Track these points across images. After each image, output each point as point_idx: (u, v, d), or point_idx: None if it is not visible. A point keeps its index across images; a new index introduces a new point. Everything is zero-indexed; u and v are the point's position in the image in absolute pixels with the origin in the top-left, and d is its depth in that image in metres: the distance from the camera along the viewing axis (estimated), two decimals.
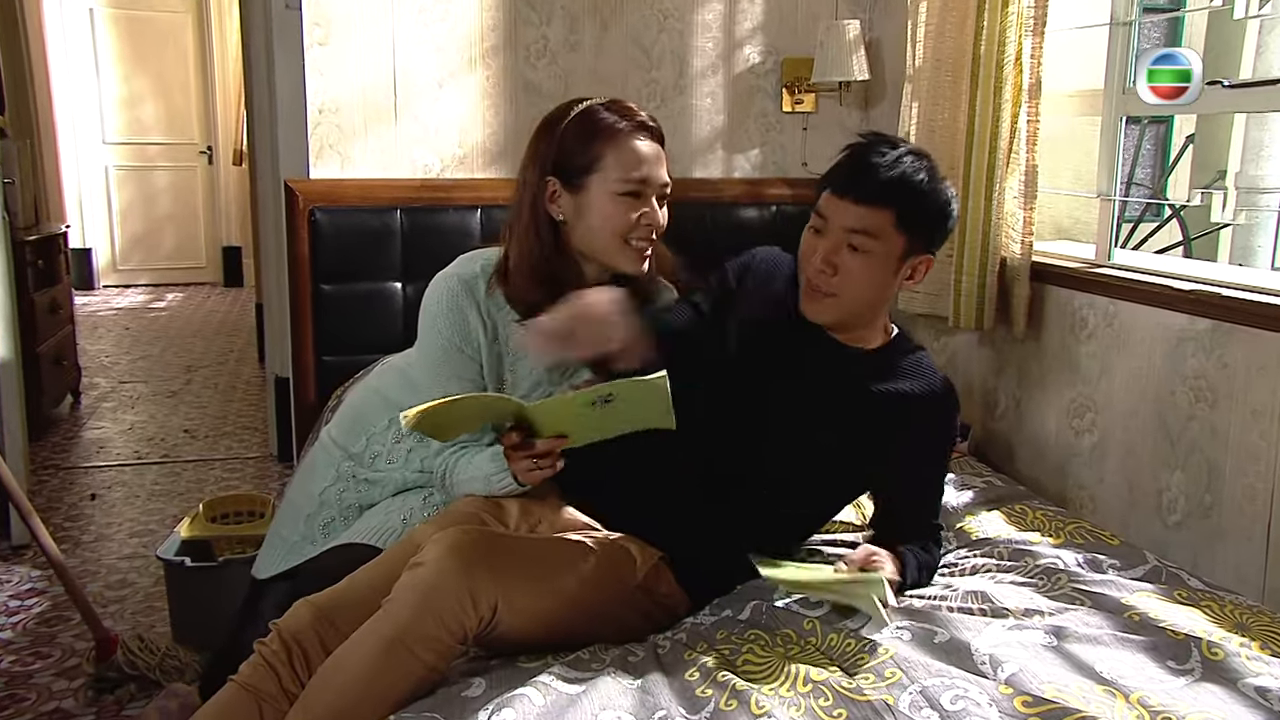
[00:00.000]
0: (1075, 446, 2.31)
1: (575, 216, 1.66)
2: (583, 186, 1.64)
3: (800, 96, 3.08)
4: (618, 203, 1.64)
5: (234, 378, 5.12)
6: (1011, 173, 2.36)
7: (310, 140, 2.70)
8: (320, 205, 2.64)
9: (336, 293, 2.66)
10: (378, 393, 1.86)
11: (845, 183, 1.56)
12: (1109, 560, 1.74)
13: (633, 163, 1.63)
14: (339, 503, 1.83)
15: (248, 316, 6.33)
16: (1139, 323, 2.11)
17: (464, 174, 2.83)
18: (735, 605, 1.62)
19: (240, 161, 7.47)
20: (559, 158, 1.64)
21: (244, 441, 4.01)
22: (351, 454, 1.83)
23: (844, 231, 1.55)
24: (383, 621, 1.34)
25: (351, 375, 2.54)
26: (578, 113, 1.65)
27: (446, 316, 1.66)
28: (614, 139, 1.63)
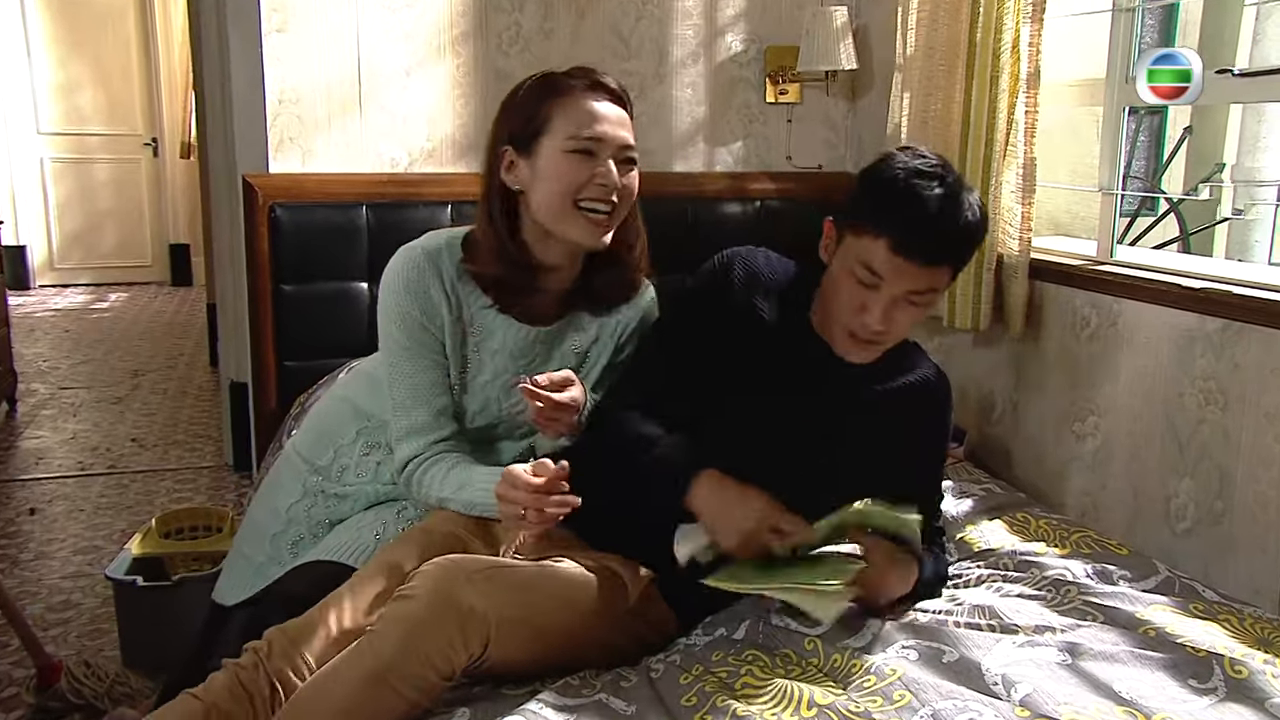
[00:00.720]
0: (1076, 451, 2.31)
1: (530, 183, 1.62)
2: (535, 150, 1.60)
3: (784, 87, 3.07)
4: (569, 161, 1.58)
5: (184, 382, 5.07)
6: (1009, 166, 2.36)
7: (269, 132, 2.67)
8: (281, 201, 2.60)
9: (298, 294, 2.63)
10: (345, 401, 1.82)
11: (910, 246, 1.47)
12: (1119, 571, 1.75)
13: (584, 119, 1.58)
14: (307, 519, 1.79)
15: (198, 317, 6.26)
16: (1144, 322, 2.12)
17: (433, 168, 2.81)
18: (729, 624, 1.60)
19: (188, 154, 7.36)
20: (513, 124, 1.61)
21: (197, 451, 3.98)
22: (319, 468, 1.80)
23: (906, 292, 1.50)
24: (366, 655, 1.33)
25: (315, 381, 2.52)
26: (535, 77, 1.63)
27: (407, 290, 1.63)
28: (565, 96, 1.59)
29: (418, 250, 1.66)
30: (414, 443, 1.65)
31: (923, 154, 1.53)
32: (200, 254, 6.34)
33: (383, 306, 1.67)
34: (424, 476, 1.64)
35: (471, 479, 1.60)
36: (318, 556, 1.70)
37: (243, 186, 2.63)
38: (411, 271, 1.64)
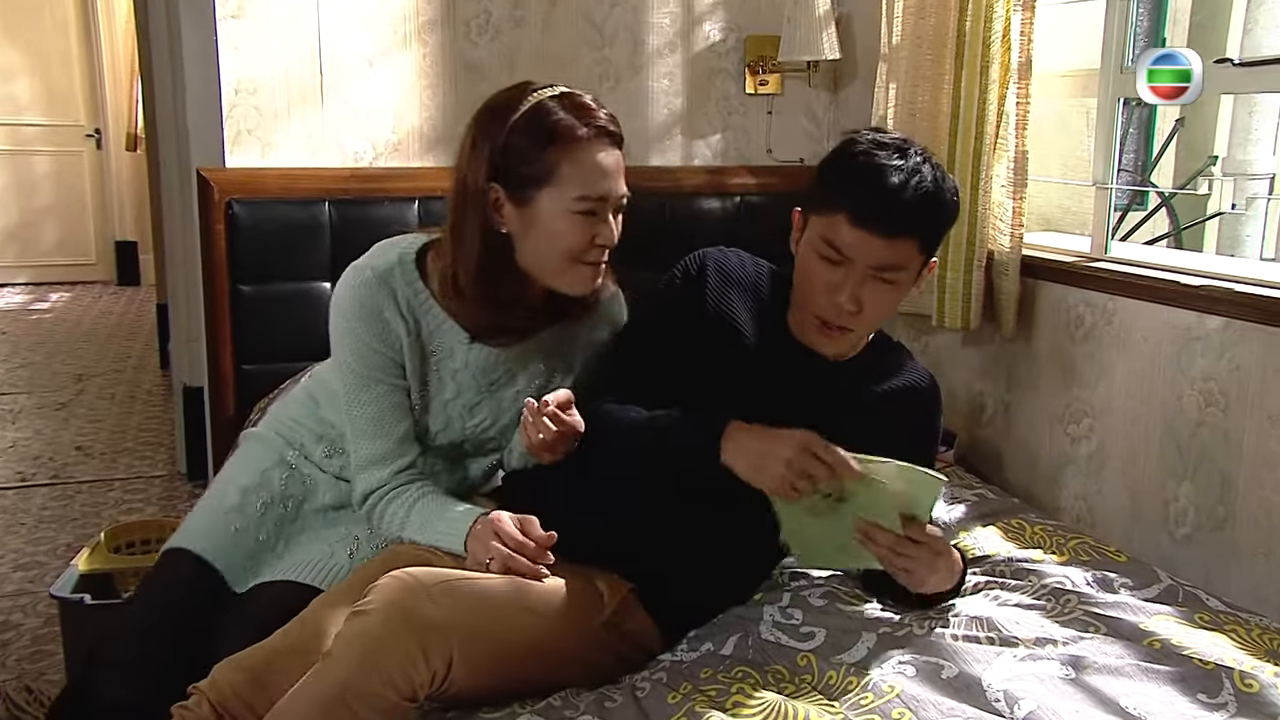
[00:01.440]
0: (1070, 455, 2.32)
1: (520, 231, 1.57)
2: (532, 200, 1.55)
3: (765, 77, 3.06)
4: (571, 221, 1.55)
5: (133, 387, 4.98)
6: (999, 159, 2.37)
7: (225, 124, 2.63)
8: (238, 197, 2.57)
9: (257, 294, 2.60)
10: (310, 407, 1.81)
11: (869, 215, 1.48)
12: (1120, 579, 1.75)
13: (593, 178, 1.54)
14: (282, 490, 1.75)
15: (146, 318, 6.18)
16: (1141, 321, 2.13)
17: (399, 162, 2.78)
18: (715, 639, 1.59)
19: (135, 146, 7.23)
20: (505, 162, 1.53)
21: (147, 459, 3.91)
22: (292, 443, 1.78)
23: (871, 268, 1.51)
24: (321, 678, 1.31)
25: (275, 386, 2.49)
26: (529, 108, 1.53)
27: (360, 315, 1.60)
28: (571, 148, 1.53)
29: (367, 272, 1.62)
30: (375, 473, 1.63)
31: (883, 130, 1.56)
32: (149, 251, 6.25)
33: (335, 330, 1.64)
34: (385, 510, 1.62)
35: (435, 519, 1.59)
36: (283, 575, 1.67)
37: (197, 181, 2.60)
38: (364, 295, 1.60)
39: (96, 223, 7.79)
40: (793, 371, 1.62)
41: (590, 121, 1.54)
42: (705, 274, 1.66)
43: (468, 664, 1.34)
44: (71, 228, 7.74)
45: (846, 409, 1.62)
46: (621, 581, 1.55)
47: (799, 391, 1.61)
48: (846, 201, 1.50)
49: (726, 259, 1.69)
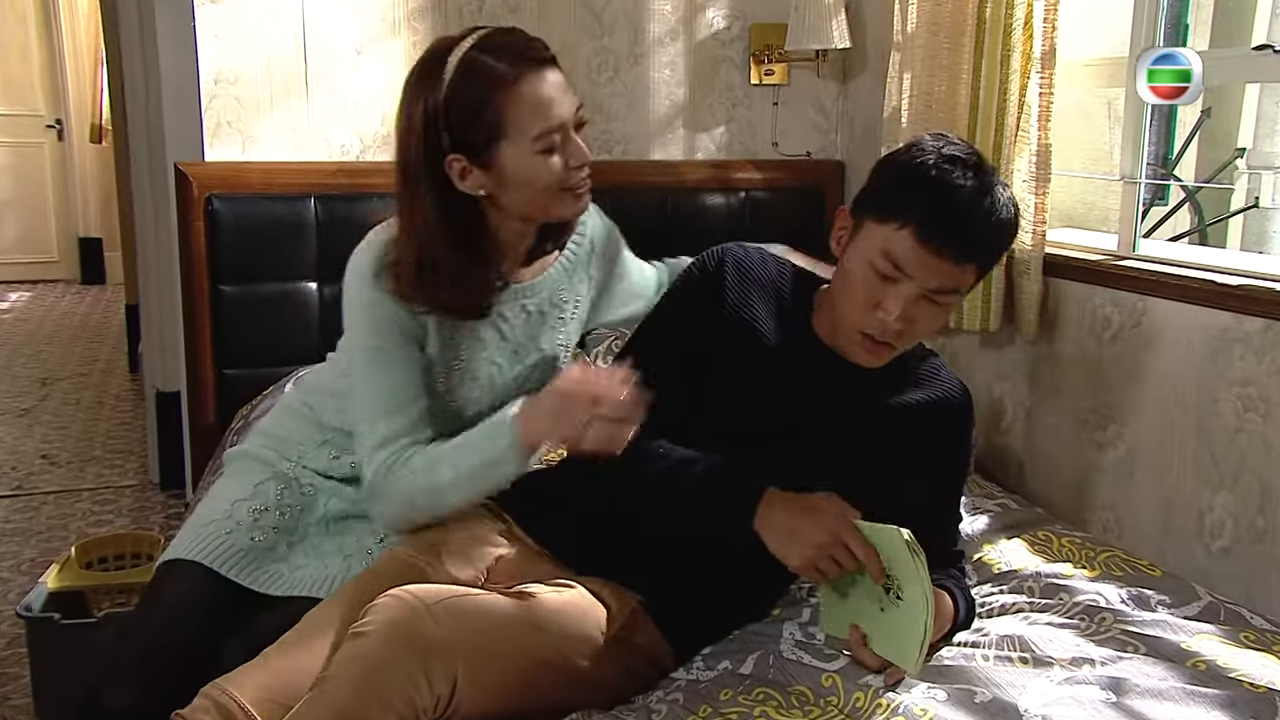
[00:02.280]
0: (1097, 462, 2.31)
1: (496, 188, 1.57)
2: (495, 157, 1.54)
3: (771, 67, 3.07)
4: (541, 160, 1.54)
5: (100, 392, 4.96)
6: (1020, 153, 2.35)
7: (204, 116, 2.64)
8: (219, 193, 2.58)
9: (239, 295, 2.61)
10: (305, 415, 1.81)
11: (941, 237, 1.45)
12: (1156, 595, 1.73)
13: (542, 112, 1.53)
14: (278, 499, 1.74)
15: (114, 319, 6.16)
16: (1173, 322, 2.12)
17: (388, 156, 2.60)
18: (734, 657, 1.58)
19: (100, 138, 7.18)
20: (454, 131, 1.52)
21: (117, 468, 3.91)
22: (286, 456, 1.78)
23: (928, 289, 1.49)
24: (318, 705, 1.29)
25: (259, 391, 2.50)
26: (457, 67, 1.51)
27: (378, 288, 1.59)
28: (510, 93, 1.51)
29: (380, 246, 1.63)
30: (388, 449, 1.59)
31: (953, 141, 1.52)
32: (116, 249, 6.20)
33: (351, 307, 1.63)
34: (403, 470, 1.57)
35: (471, 433, 1.56)
36: (279, 590, 1.66)
37: (175, 176, 2.59)
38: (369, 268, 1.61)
39: (59, 218, 7.73)
40: (815, 375, 1.61)
41: (515, 57, 1.52)
42: (724, 271, 1.65)
43: (474, 686, 1.33)
44: (32, 223, 7.68)
45: (870, 416, 1.61)
46: (629, 593, 1.54)
47: (821, 396, 1.60)
48: (915, 215, 1.46)
49: (748, 255, 1.67)
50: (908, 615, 1.44)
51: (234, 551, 1.68)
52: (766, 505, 1.48)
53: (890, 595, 1.45)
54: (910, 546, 1.41)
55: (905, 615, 1.45)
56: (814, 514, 1.46)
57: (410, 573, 1.50)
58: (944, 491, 1.70)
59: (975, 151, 1.52)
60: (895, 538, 1.43)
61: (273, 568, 1.69)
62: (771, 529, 1.47)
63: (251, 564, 1.68)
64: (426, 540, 1.58)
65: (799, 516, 1.46)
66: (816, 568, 1.45)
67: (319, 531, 1.75)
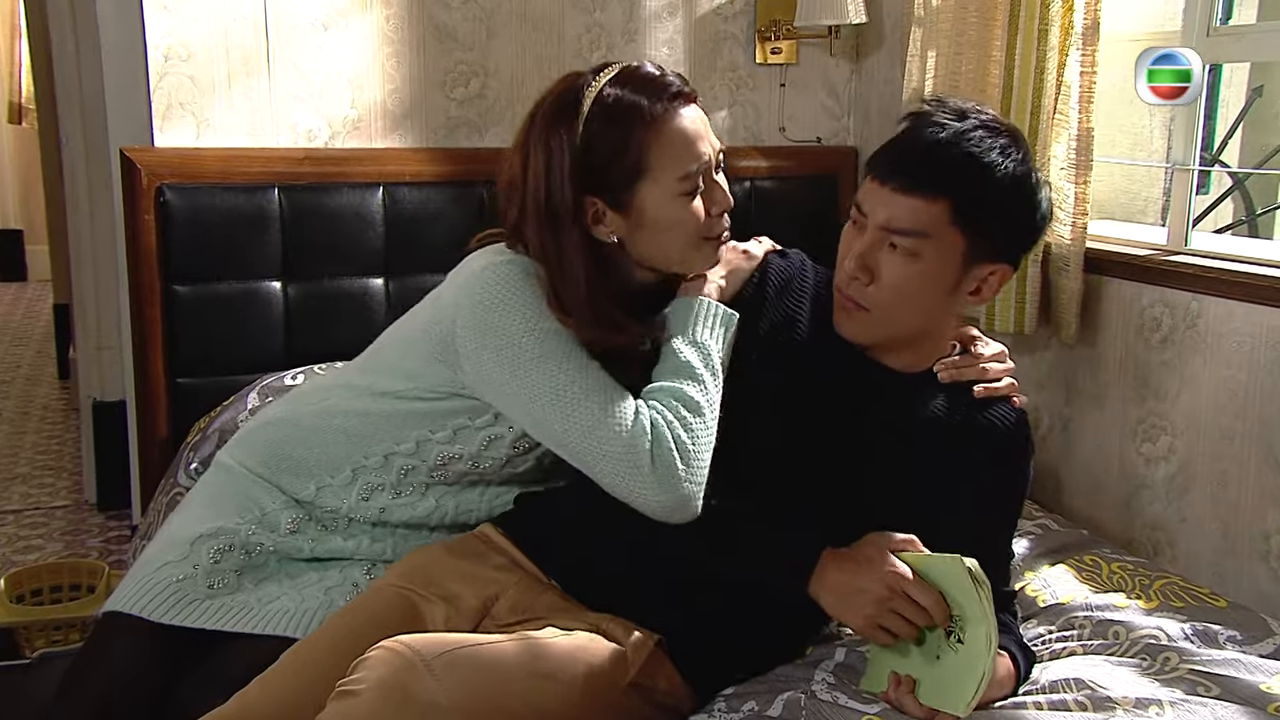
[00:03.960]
0: (1146, 478, 2.28)
1: (631, 233, 1.60)
2: (634, 199, 1.57)
3: (778, 45, 3.04)
4: (683, 204, 1.57)
5: (24, 402, 4.86)
6: (1059, 138, 2.31)
7: (153, 96, 2.57)
8: (170, 182, 2.52)
9: (194, 295, 2.55)
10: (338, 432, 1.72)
11: (887, 165, 1.51)
12: (1224, 631, 1.70)
13: (687, 150, 1.56)
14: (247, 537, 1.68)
15: (38, 320, 6.11)
16: (1233, 324, 2.08)
17: (360, 142, 2.73)
18: (761, 698, 1.54)
19: (19, 118, 7.03)
20: (592, 169, 1.55)
21: (46, 486, 3.81)
22: (300, 500, 1.72)
23: (882, 226, 1.50)
24: None
25: (219, 401, 2.44)
26: (593, 104, 1.55)
27: (533, 302, 1.55)
28: (655, 128, 1.55)
29: (513, 266, 1.58)
30: (639, 414, 1.50)
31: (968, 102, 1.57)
32: (39, 242, 6.10)
33: (520, 339, 1.54)
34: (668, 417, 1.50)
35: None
36: (247, 627, 1.60)
37: (120, 163, 2.54)
38: (526, 279, 1.57)
39: None
40: (856, 385, 1.61)
41: (661, 92, 1.56)
42: (766, 282, 1.68)
43: None
44: None
45: (915, 428, 1.59)
46: (646, 632, 1.51)
47: (862, 406, 1.60)
48: (875, 154, 1.56)
49: (788, 265, 1.71)
50: (966, 659, 1.40)
51: (187, 602, 1.62)
52: (821, 568, 1.47)
53: (951, 639, 1.41)
54: (974, 576, 1.36)
55: (963, 659, 1.40)
56: (868, 567, 1.45)
57: (402, 608, 1.50)
58: (991, 522, 1.65)
59: (988, 110, 1.55)
60: (956, 568, 1.39)
61: (239, 599, 1.64)
62: (827, 592, 1.47)
63: (209, 605, 1.63)
64: (421, 571, 1.57)
65: (853, 574, 1.45)
66: (881, 626, 1.43)
67: (298, 569, 1.70)
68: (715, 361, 1.55)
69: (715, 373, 1.54)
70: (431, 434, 1.65)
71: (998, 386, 1.61)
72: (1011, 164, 1.49)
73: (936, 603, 1.41)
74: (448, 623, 1.50)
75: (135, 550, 2.09)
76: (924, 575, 1.43)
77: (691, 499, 1.47)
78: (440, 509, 1.71)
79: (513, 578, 1.57)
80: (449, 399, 1.63)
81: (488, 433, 1.64)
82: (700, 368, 1.53)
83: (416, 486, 1.69)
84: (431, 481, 1.69)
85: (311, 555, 1.70)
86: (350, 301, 2.60)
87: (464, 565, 1.58)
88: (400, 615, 1.49)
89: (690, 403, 1.50)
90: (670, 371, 1.54)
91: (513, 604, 1.54)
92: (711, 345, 1.55)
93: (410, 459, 1.66)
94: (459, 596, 1.53)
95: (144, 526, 2.26)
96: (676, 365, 1.53)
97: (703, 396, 1.51)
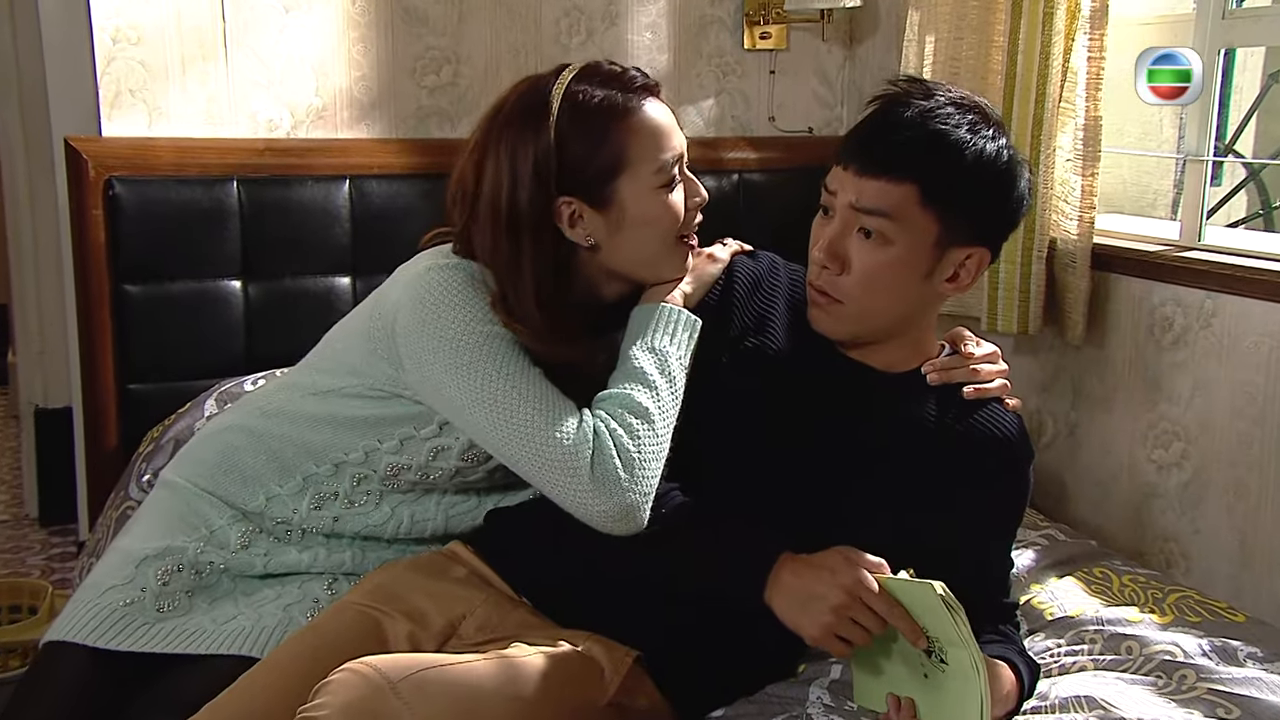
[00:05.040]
0: (1157, 486, 2.29)
1: (609, 234, 1.59)
2: (613, 195, 1.57)
3: (767, 29, 3.02)
4: (661, 198, 1.58)
5: None
6: (1064, 127, 2.33)
7: (100, 82, 2.52)
8: (121, 174, 2.47)
9: (147, 295, 2.50)
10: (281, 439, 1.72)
11: (853, 149, 1.52)
12: (1244, 648, 1.69)
13: (661, 142, 1.57)
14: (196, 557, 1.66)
15: None
16: (1251, 324, 2.08)
17: (324, 132, 2.71)
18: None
19: None
20: (567, 169, 1.56)
21: None
22: (248, 513, 1.70)
23: (851, 211, 1.50)
24: None
25: (174, 409, 2.40)
26: (563, 102, 1.56)
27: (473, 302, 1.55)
28: (628, 122, 1.56)
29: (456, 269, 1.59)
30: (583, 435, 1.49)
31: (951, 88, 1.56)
32: None
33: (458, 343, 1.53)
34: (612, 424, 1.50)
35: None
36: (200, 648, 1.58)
37: (65, 153, 2.49)
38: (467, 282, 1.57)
39: None
40: (835, 387, 1.59)
41: (628, 86, 1.58)
42: (733, 286, 1.66)
43: None
44: None
45: (901, 432, 1.57)
46: (624, 649, 1.50)
47: (842, 409, 1.58)
48: (844, 139, 1.57)
49: (757, 266, 1.70)
50: (959, 682, 1.37)
51: (135, 626, 1.60)
52: (777, 572, 1.44)
53: (934, 660, 1.39)
54: (946, 602, 1.33)
55: (956, 682, 1.37)
56: (827, 573, 1.40)
57: (365, 627, 1.48)
58: (988, 532, 1.64)
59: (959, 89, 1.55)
60: (928, 593, 1.35)
61: (191, 621, 1.63)
62: (781, 598, 1.43)
63: (160, 628, 1.61)
64: (385, 588, 1.55)
65: (810, 579, 1.41)
66: (836, 635, 1.39)
67: (253, 586, 1.69)
68: (673, 368, 1.54)
69: (671, 379, 1.54)
70: (379, 443, 1.65)
71: (989, 388, 1.60)
72: (981, 141, 1.49)
73: (902, 616, 1.37)
74: (413, 642, 1.48)
75: (82, 569, 2.06)
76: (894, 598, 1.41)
77: (635, 509, 1.46)
78: (395, 518, 1.70)
79: (481, 594, 1.56)
80: (390, 399, 1.63)
81: (434, 444, 1.64)
82: (654, 374, 1.53)
83: (370, 495, 1.69)
84: (385, 490, 1.69)
85: (266, 571, 1.68)
86: (315, 301, 2.57)
87: (431, 582, 1.56)
88: (364, 635, 1.47)
89: (639, 409, 1.50)
90: (622, 377, 1.54)
91: (481, 622, 1.53)
92: (670, 351, 1.55)
93: (361, 468, 1.66)
94: (425, 615, 1.52)
95: (91, 543, 2.23)
96: (629, 370, 1.54)
97: (653, 403, 1.51)
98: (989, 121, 1.51)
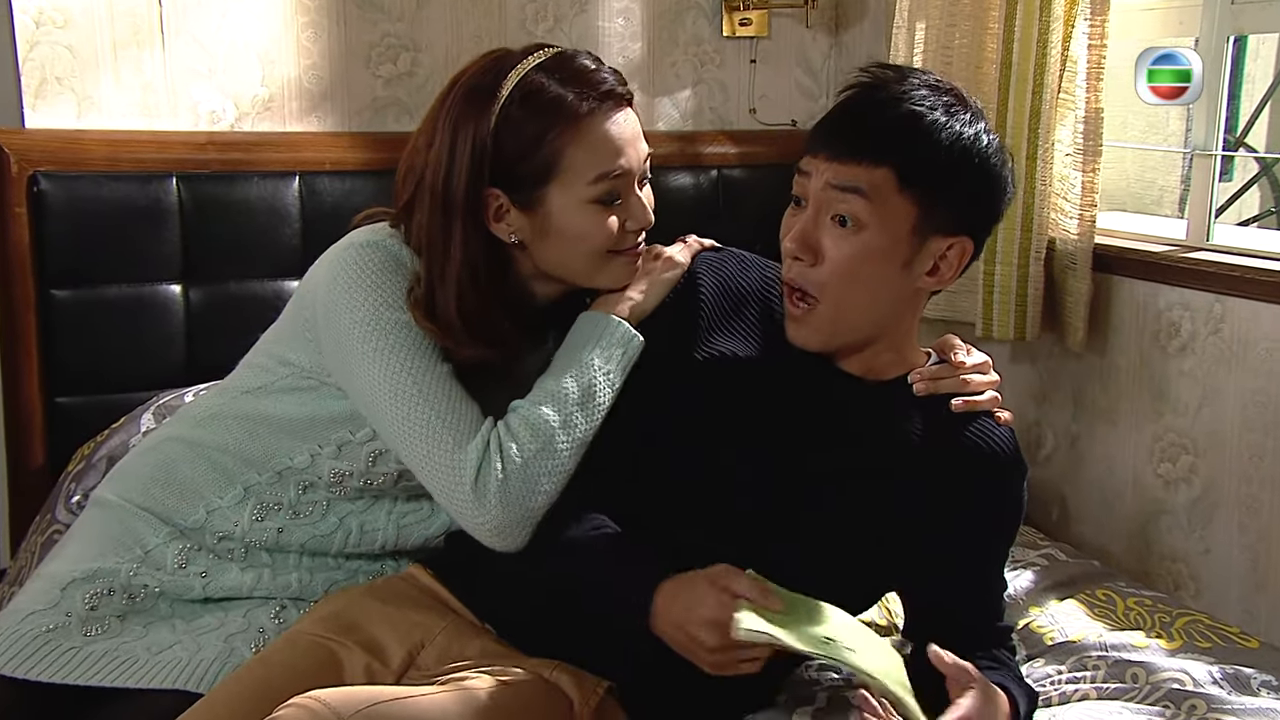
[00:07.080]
0: (1164, 502, 2.30)
1: (534, 237, 1.61)
2: (540, 200, 1.58)
3: (747, 15, 3.03)
4: (593, 213, 1.58)
5: None
6: (1064, 120, 2.34)
7: (23, 69, 2.51)
8: (47, 170, 2.46)
9: (77, 301, 2.50)
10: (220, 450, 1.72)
11: (825, 136, 1.53)
12: (1258, 675, 1.71)
13: (607, 155, 1.57)
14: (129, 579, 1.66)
15: None
16: (1263, 329, 2.10)
17: (272, 125, 2.70)
18: None
19: None
20: (500, 160, 1.56)
21: None
22: (185, 530, 1.69)
23: (824, 194, 1.50)
24: None
25: (107, 424, 2.40)
26: (514, 89, 1.57)
27: (387, 286, 1.57)
28: (576, 128, 1.55)
29: (375, 249, 1.60)
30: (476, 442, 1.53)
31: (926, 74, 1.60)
32: None
33: (352, 315, 1.57)
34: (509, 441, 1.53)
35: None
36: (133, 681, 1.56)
37: None
38: (387, 264, 1.59)
39: None
40: (811, 396, 1.59)
41: (591, 89, 1.57)
42: (698, 288, 1.65)
43: None
44: None
45: (887, 448, 1.58)
46: (594, 679, 1.51)
47: (819, 420, 1.58)
48: (814, 126, 1.58)
49: (724, 264, 1.70)
50: None
51: (60, 653, 1.59)
52: (658, 602, 1.43)
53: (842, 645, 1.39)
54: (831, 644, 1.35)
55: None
56: (694, 588, 1.41)
57: (318, 658, 1.48)
58: (979, 553, 1.64)
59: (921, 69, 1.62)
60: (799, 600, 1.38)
61: (124, 648, 1.61)
62: (664, 624, 1.42)
63: (88, 655, 1.59)
64: (340, 617, 1.55)
65: (683, 598, 1.41)
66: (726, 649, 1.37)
67: (192, 611, 1.67)
68: (598, 387, 1.55)
69: (592, 398, 1.55)
70: (320, 448, 1.66)
71: (979, 400, 1.60)
72: (958, 124, 1.51)
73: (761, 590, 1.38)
74: (370, 673, 1.48)
75: (2, 599, 2.04)
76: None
77: (513, 527, 1.50)
78: (344, 528, 1.70)
79: (441, 621, 1.57)
80: (319, 390, 1.64)
81: (370, 447, 1.64)
82: (571, 392, 1.54)
83: (317, 505, 1.69)
84: (332, 497, 1.69)
85: (205, 595, 1.67)
86: (261, 307, 2.51)
87: (388, 609, 1.56)
88: (316, 666, 1.47)
89: (541, 427, 1.52)
90: (539, 390, 1.57)
91: (441, 650, 1.53)
92: (598, 370, 1.56)
93: (306, 474, 1.67)
94: (383, 645, 1.52)
95: (14, 571, 2.21)
96: (545, 386, 1.56)
97: (559, 423, 1.52)
98: (966, 105, 1.54)
